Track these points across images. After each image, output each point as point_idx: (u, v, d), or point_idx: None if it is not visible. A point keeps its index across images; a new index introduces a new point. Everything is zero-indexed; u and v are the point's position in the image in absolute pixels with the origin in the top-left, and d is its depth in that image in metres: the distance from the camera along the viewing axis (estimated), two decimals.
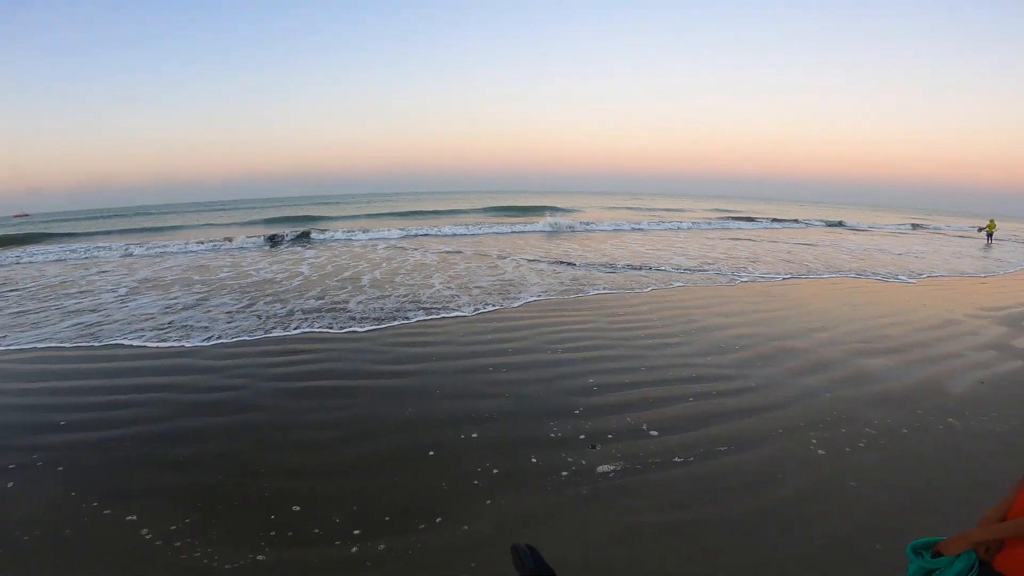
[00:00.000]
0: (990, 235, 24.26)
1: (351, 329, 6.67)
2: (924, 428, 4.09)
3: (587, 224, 22.87)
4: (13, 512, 3.00)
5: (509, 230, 20.74)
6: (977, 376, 5.25)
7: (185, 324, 6.96)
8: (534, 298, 8.46)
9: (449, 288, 9.27)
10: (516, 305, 7.98)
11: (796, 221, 31.14)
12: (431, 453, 3.59)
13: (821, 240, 20.76)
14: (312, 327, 6.75)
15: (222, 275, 11.03)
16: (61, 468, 3.49)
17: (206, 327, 6.78)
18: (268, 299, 8.42)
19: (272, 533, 2.78)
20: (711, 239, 19.59)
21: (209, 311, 7.67)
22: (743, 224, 27.86)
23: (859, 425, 4.09)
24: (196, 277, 10.86)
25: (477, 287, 9.35)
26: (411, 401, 4.47)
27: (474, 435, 3.84)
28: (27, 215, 73.15)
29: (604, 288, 9.40)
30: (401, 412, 4.25)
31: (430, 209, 33.68)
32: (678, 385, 4.77)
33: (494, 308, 7.76)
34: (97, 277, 11.29)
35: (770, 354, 5.72)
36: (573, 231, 21.04)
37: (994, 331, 7.05)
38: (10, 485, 3.30)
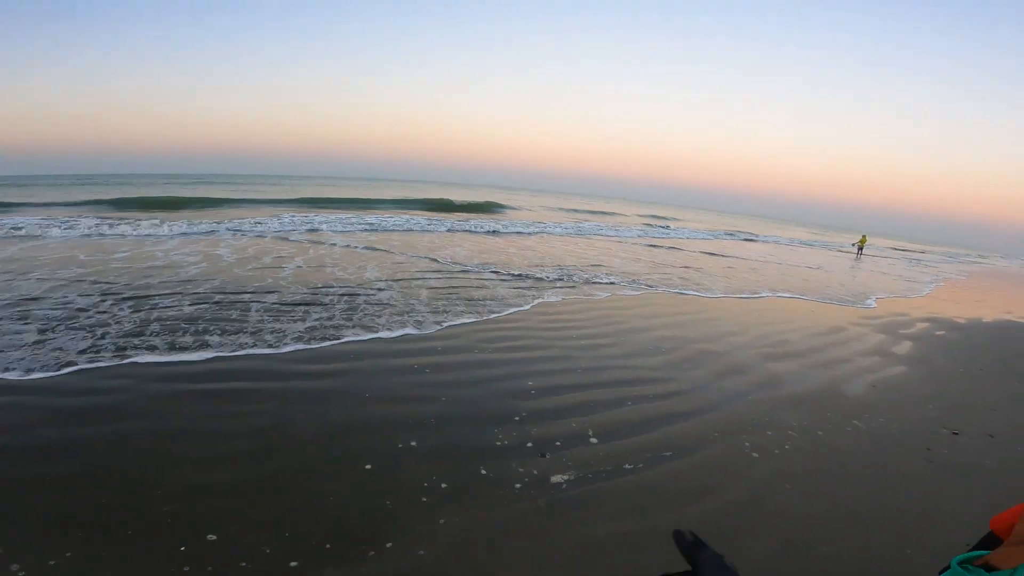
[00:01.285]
0: (860, 249, 27.67)
1: (253, 323, 5.91)
2: (835, 430, 4.40)
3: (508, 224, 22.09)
4: None
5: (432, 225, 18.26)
6: (868, 380, 5.81)
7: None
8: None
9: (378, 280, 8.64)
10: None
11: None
12: (368, 466, 3.23)
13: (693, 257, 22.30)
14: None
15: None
16: None
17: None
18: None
19: (186, 568, 2.32)
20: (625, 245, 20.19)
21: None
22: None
23: (782, 428, 4.31)
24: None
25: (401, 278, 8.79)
26: (334, 405, 4.04)
27: (413, 443, 3.54)
28: None
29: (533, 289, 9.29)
30: (325, 418, 3.83)
31: (353, 197, 30.01)
32: (616, 388, 4.77)
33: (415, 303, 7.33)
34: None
35: (693, 357, 5.93)
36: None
37: (874, 339, 7.87)
38: None
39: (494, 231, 18.57)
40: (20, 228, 11.47)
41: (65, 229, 11.80)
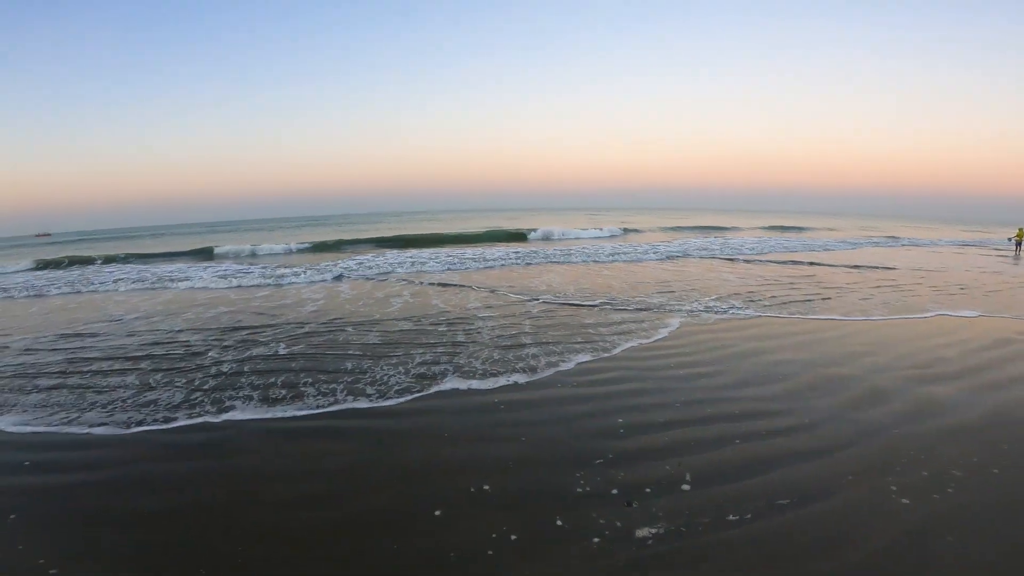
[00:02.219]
0: (1019, 244, 23.34)
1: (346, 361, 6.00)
2: (1015, 466, 3.47)
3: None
4: None
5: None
6: None
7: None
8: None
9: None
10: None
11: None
12: (437, 512, 3.02)
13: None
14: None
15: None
16: (13, 517, 3.10)
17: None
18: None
19: None
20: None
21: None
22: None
23: (942, 466, 3.49)
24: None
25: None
26: (413, 446, 3.92)
27: (486, 487, 3.28)
28: (49, 234, 73.73)
29: (626, 312, 8.69)
30: (402, 459, 3.71)
31: (460, 232, 29.68)
32: (720, 424, 4.18)
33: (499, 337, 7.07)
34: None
35: (818, 384, 5.10)
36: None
37: None
38: None
39: (611, 255, 17.75)
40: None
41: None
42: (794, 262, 16.65)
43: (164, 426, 4.36)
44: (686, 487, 3.26)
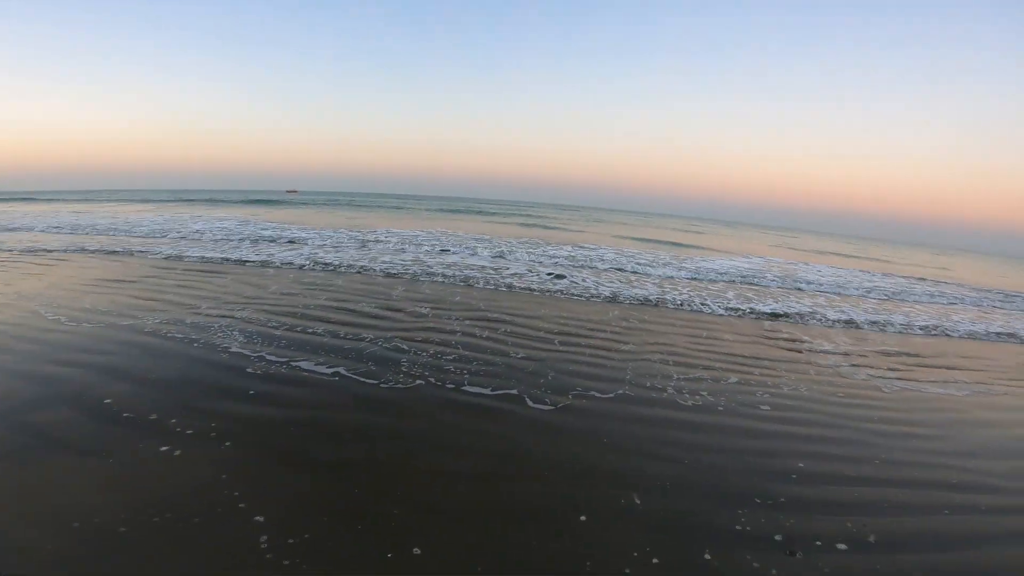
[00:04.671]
0: None
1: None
2: None
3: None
4: (159, 488, 3.11)
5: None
6: None
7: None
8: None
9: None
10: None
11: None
12: (583, 517, 3.09)
13: None
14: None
15: None
16: (228, 444, 3.64)
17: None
18: None
19: None
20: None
21: None
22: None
23: None
24: None
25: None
26: (571, 443, 4.03)
27: (638, 502, 3.28)
28: (297, 191, 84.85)
29: (826, 347, 7.89)
30: (559, 455, 3.83)
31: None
32: (926, 490, 3.64)
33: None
34: None
35: None
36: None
37: None
38: (177, 454, 3.48)
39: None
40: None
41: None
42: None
43: (366, 380, 4.97)
44: (866, 548, 2.93)
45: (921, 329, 10.13)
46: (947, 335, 10.01)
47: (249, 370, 5.00)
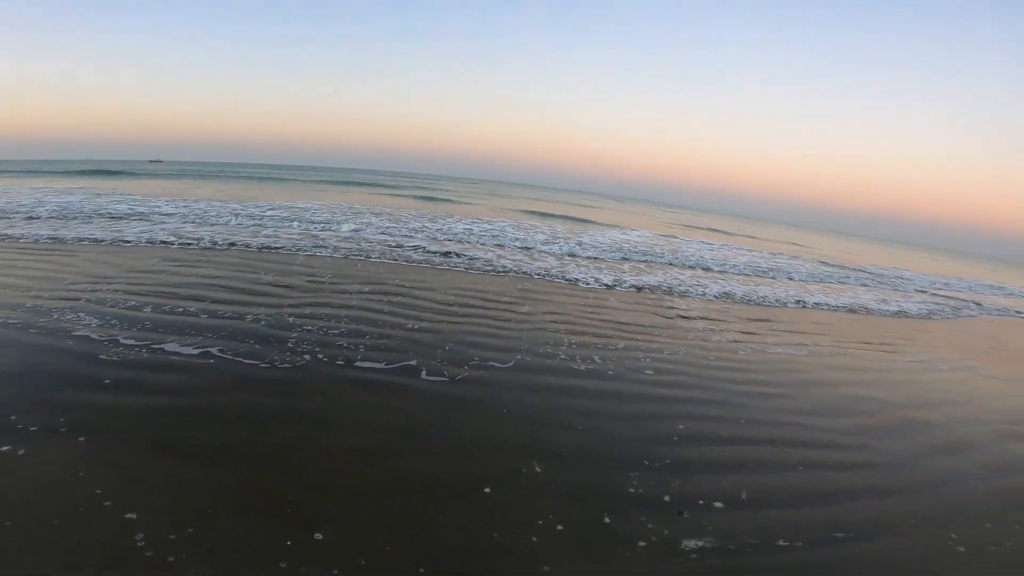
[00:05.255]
0: None
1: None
2: None
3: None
4: (6, 488, 2.73)
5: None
6: None
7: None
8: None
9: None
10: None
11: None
12: (487, 489, 3.11)
13: None
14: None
15: None
16: (82, 439, 3.23)
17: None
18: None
19: (282, 565, 2.36)
20: None
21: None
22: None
23: (1008, 525, 3.33)
24: None
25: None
26: (471, 416, 4.04)
27: (539, 470, 3.37)
28: (161, 160, 75.48)
29: (699, 315, 8.57)
30: (458, 428, 3.83)
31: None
32: (782, 448, 4.10)
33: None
34: None
35: (897, 426, 4.87)
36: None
37: None
38: (21, 453, 3.02)
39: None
40: None
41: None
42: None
43: (248, 360, 4.63)
44: (740, 506, 3.25)
45: (777, 301, 11.34)
46: (803, 305, 11.39)
47: (103, 356, 4.43)
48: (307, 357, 4.77)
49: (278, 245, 10.34)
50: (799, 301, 11.72)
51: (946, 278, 25.05)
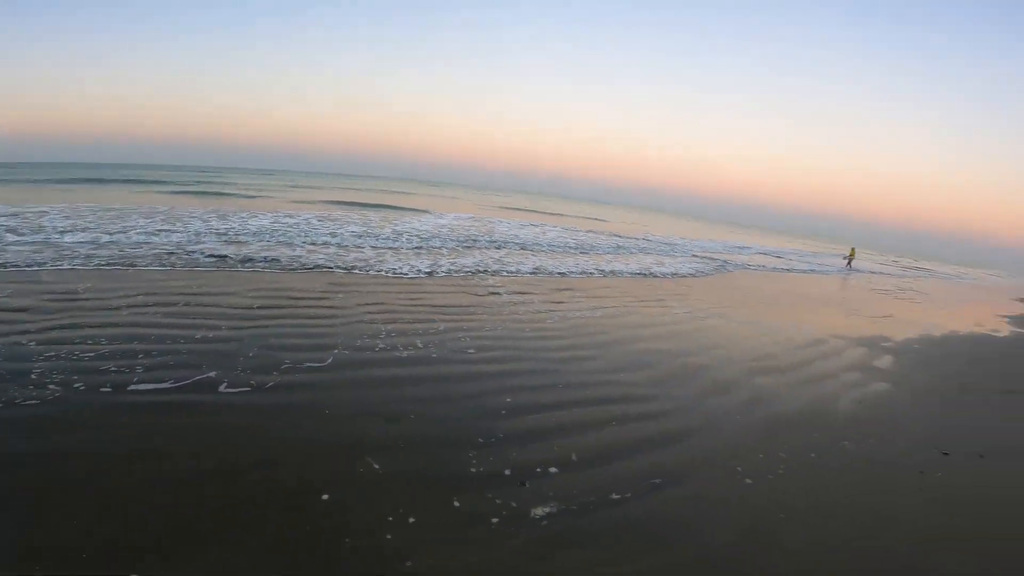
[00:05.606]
0: (850, 261, 28.36)
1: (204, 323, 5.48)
2: (826, 451, 4.22)
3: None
4: None
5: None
6: (854, 397, 5.65)
7: None
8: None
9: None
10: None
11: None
12: (325, 496, 2.88)
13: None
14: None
15: None
16: None
17: None
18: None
19: None
20: None
21: None
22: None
23: (773, 451, 4.10)
24: None
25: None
26: (292, 421, 3.70)
27: (377, 467, 3.21)
28: None
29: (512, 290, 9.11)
30: (274, 438, 3.47)
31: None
32: (599, 407, 4.50)
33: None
34: None
35: (679, 372, 5.71)
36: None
37: (855, 353, 7.75)
38: None
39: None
40: None
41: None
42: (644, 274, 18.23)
43: None
44: (572, 467, 3.49)
45: (581, 272, 12.52)
46: (602, 273, 12.74)
47: None
48: (58, 389, 3.78)
49: (1, 261, 7.73)
50: (598, 270, 13.18)
51: (710, 242, 30.57)
